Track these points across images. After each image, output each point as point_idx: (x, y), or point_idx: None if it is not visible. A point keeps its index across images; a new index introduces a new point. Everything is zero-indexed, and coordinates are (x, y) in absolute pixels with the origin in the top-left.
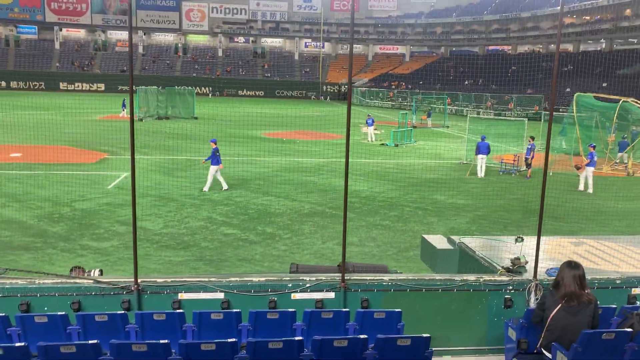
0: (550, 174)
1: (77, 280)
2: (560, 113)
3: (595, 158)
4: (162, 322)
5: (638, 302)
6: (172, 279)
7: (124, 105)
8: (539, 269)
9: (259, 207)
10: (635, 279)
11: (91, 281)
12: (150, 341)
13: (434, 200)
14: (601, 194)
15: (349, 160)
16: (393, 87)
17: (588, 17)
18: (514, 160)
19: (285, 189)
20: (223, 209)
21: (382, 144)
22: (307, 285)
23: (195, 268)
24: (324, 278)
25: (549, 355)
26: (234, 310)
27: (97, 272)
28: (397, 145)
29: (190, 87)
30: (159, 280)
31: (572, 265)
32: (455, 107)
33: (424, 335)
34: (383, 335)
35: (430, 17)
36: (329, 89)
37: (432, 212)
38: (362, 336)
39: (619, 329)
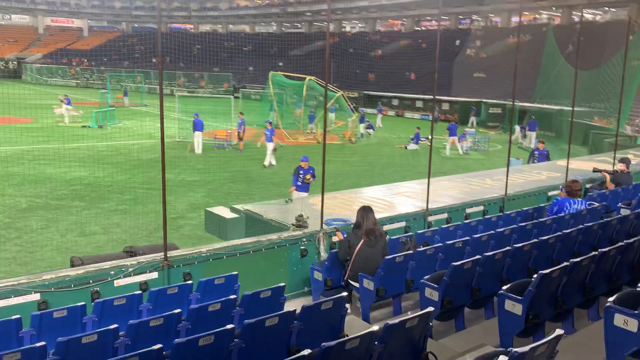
0: (258, 145)
1: None
2: (249, 90)
3: (274, 133)
4: None
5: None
6: None
7: None
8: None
9: None
10: (385, 219)
11: None
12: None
13: None
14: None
15: (52, 146)
16: (74, 63)
17: (260, 1)
18: (227, 135)
19: None
20: None
21: (84, 126)
22: (130, 269)
23: None
24: (145, 260)
25: (355, 284)
26: (79, 304)
27: None
28: (101, 127)
29: None
30: None
31: (365, 208)
32: (148, 86)
33: (281, 284)
34: (249, 292)
35: None
36: None
37: (166, 191)
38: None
39: (404, 252)
